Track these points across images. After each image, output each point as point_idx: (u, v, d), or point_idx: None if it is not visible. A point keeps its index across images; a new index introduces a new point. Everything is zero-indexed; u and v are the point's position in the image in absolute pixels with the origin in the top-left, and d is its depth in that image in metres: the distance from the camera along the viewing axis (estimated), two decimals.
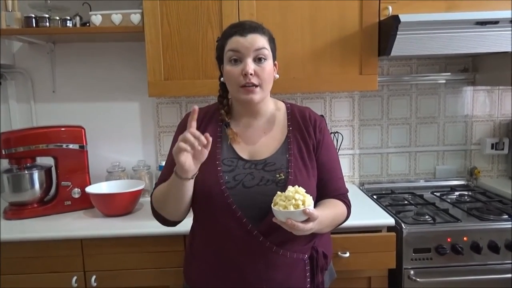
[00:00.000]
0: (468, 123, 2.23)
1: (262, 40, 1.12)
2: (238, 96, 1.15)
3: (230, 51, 1.12)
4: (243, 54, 1.11)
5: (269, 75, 1.14)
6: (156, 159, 2.16)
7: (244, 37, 1.11)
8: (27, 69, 2.08)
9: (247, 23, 1.14)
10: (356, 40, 1.78)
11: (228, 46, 1.13)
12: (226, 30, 1.16)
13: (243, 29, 1.12)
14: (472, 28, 1.66)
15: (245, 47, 1.10)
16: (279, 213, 0.98)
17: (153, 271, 1.60)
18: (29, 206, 1.80)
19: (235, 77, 1.12)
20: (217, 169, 1.13)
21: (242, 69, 1.10)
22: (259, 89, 1.13)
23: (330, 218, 1.12)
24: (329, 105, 2.18)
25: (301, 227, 0.97)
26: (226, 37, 1.14)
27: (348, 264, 1.59)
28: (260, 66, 1.12)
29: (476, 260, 1.61)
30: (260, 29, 1.14)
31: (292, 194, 0.99)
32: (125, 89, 2.12)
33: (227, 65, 1.14)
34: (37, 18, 1.79)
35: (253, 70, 1.10)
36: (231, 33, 1.13)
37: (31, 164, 1.82)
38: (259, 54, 1.12)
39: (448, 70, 2.17)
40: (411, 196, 2.04)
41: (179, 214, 1.16)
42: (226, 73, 1.14)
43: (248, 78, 1.10)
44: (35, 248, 1.57)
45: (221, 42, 1.16)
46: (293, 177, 1.12)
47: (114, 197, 1.74)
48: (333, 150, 1.25)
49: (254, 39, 1.11)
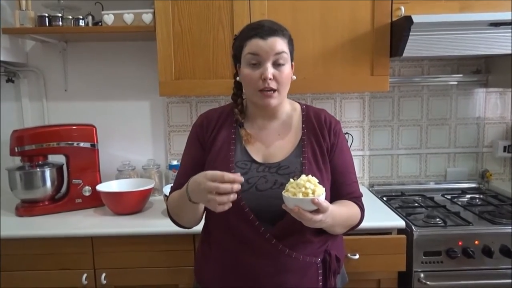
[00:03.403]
0: (480, 125, 2.20)
1: (282, 44, 1.10)
2: (256, 100, 1.14)
3: (249, 54, 1.10)
4: (262, 58, 1.09)
5: (287, 79, 1.13)
6: (166, 158, 2.17)
7: (264, 40, 1.09)
8: (40, 67, 2.10)
9: (267, 25, 1.11)
10: (367, 40, 1.77)
11: (248, 48, 1.11)
12: (246, 31, 1.14)
13: (263, 32, 1.09)
14: (485, 29, 1.64)
15: (265, 51, 1.09)
16: (287, 200, 0.97)
17: (163, 269, 1.61)
18: (40, 204, 1.82)
19: (253, 81, 1.11)
20: (230, 171, 1.12)
21: (261, 74, 1.09)
22: (276, 94, 1.12)
23: (344, 216, 1.11)
24: (339, 105, 2.18)
25: (308, 217, 0.94)
26: (246, 38, 1.12)
27: (357, 266, 1.58)
28: (279, 70, 1.10)
29: (488, 264, 1.59)
30: (280, 31, 1.12)
31: (303, 182, 0.97)
32: (136, 88, 2.13)
33: (246, 68, 1.12)
34: (50, 17, 1.80)
35: (272, 74, 1.09)
36: (251, 35, 1.10)
37: (43, 161, 1.84)
38: (279, 59, 1.10)
39: (460, 72, 2.15)
40: (422, 198, 2.02)
41: (194, 223, 1.18)
42: (244, 76, 1.13)
43: (267, 83, 1.09)
44: (46, 245, 1.59)
45: (240, 42, 1.14)
46: None
47: (125, 195, 1.75)
48: (348, 153, 1.23)
49: (274, 42, 1.09)
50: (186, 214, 1.15)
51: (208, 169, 1.15)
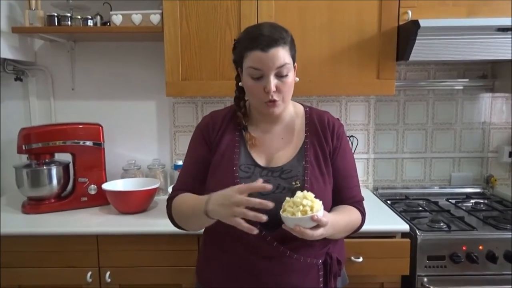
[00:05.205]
0: (486, 130, 2.20)
1: (284, 54, 1.08)
2: (260, 109, 1.15)
3: (251, 68, 1.09)
4: (264, 72, 1.08)
5: (291, 87, 1.13)
6: (171, 158, 2.18)
7: (265, 52, 1.06)
8: (48, 66, 2.11)
9: (266, 33, 1.07)
10: (374, 44, 1.77)
11: (249, 61, 1.09)
12: (245, 40, 1.10)
13: (263, 43, 1.06)
14: (493, 34, 1.64)
15: (267, 65, 1.07)
16: (287, 220, 0.97)
17: (167, 269, 1.61)
18: (46, 201, 1.83)
19: (257, 93, 1.11)
20: (234, 175, 1.13)
21: (264, 87, 1.08)
22: (280, 103, 1.12)
23: (343, 224, 1.11)
24: (344, 108, 2.18)
25: (309, 234, 0.95)
26: (246, 48, 1.09)
27: (361, 269, 1.58)
28: (282, 81, 1.10)
29: (492, 270, 1.59)
30: (281, 39, 1.08)
31: (300, 200, 0.97)
32: (143, 88, 2.14)
33: (248, 80, 1.11)
34: (59, 17, 1.82)
35: (275, 86, 1.08)
36: (251, 47, 1.07)
37: (49, 160, 1.85)
38: (282, 71, 1.08)
39: (466, 76, 2.15)
40: (426, 202, 2.02)
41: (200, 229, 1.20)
42: (247, 86, 1.13)
43: (271, 95, 1.09)
44: (51, 243, 1.60)
45: (240, 51, 1.12)
46: (309, 185, 1.11)
47: (130, 194, 1.76)
48: (350, 157, 1.23)
49: (276, 54, 1.06)
50: (195, 225, 1.15)
51: (212, 173, 1.16)
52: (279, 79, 1.09)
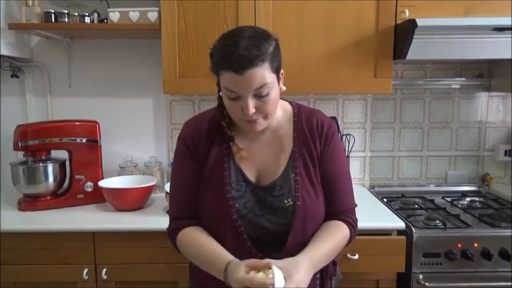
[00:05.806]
0: (482, 129, 2.21)
1: (262, 74, 0.96)
2: (241, 126, 1.09)
3: (226, 89, 1.00)
4: (241, 94, 0.98)
5: (274, 104, 1.03)
6: (168, 156, 2.18)
7: (241, 75, 0.95)
8: (45, 63, 2.11)
9: (242, 51, 0.94)
10: (371, 43, 1.78)
11: (223, 81, 0.99)
12: (219, 56, 0.99)
13: (238, 64, 0.94)
14: (489, 34, 1.64)
15: (243, 88, 0.97)
16: None
17: (163, 266, 1.62)
18: (42, 198, 1.83)
19: (235, 113, 1.03)
20: (226, 196, 1.07)
21: (243, 108, 1.00)
22: (262, 120, 1.04)
23: (326, 255, 1.06)
24: (341, 106, 2.18)
25: None
26: (220, 66, 0.99)
27: (357, 267, 1.59)
28: (263, 101, 1.00)
29: (487, 267, 1.60)
30: (258, 57, 0.95)
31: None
32: (140, 85, 2.14)
33: (225, 98, 1.03)
34: (56, 13, 1.81)
35: (255, 107, 0.99)
36: (225, 67, 0.97)
37: (46, 157, 1.85)
38: (261, 92, 0.98)
39: (463, 75, 2.16)
40: (422, 200, 2.03)
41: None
42: (225, 105, 1.05)
43: (250, 117, 1.01)
44: (47, 240, 1.60)
45: (214, 66, 1.02)
46: (301, 202, 1.07)
47: (126, 192, 1.76)
48: (341, 160, 1.15)
49: (252, 77, 0.95)
50: (206, 269, 1.08)
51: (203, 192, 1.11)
52: (258, 99, 1.00)
